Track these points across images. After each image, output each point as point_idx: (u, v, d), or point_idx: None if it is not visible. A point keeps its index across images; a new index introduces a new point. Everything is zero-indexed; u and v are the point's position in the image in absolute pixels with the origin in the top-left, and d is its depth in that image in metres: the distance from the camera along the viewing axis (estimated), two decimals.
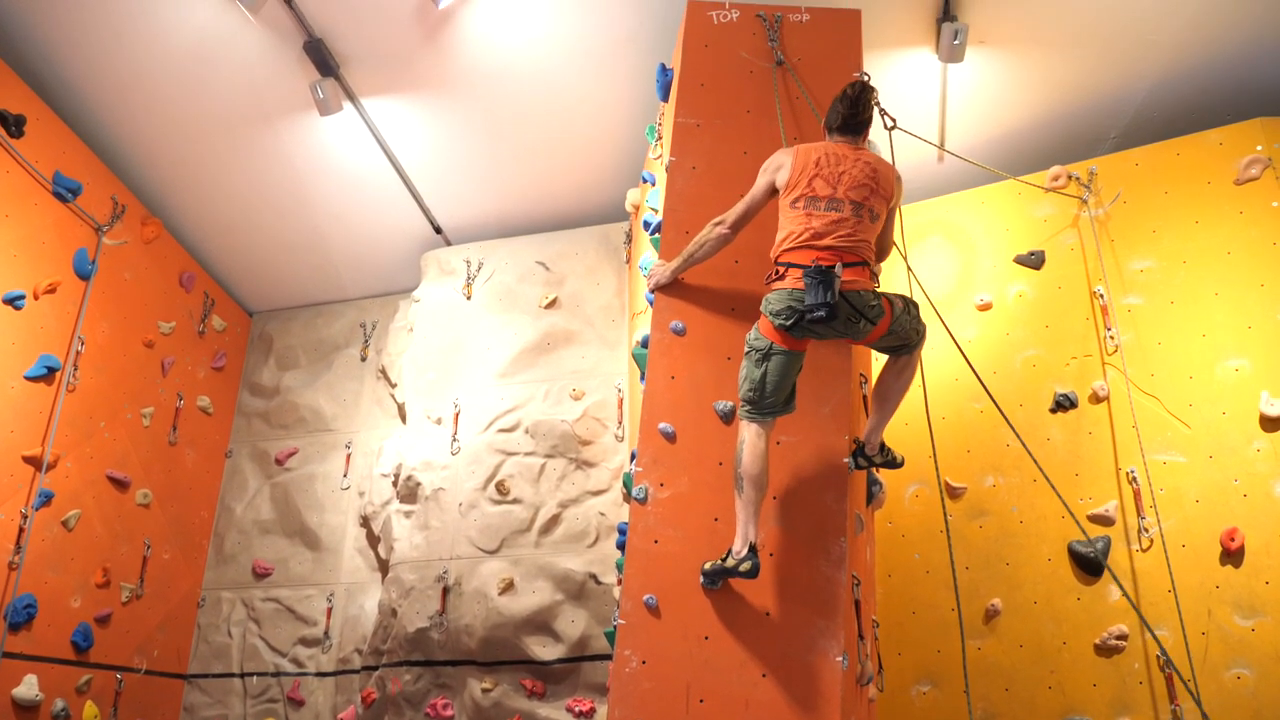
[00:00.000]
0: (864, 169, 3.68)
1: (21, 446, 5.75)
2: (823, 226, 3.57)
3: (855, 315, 3.54)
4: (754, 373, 3.59)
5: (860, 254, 3.59)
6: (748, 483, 3.51)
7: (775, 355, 3.57)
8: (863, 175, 3.66)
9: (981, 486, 5.62)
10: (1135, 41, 5.82)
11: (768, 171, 3.82)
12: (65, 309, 6.18)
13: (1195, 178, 5.57)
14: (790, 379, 3.62)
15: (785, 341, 3.56)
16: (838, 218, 3.58)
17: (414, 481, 6.66)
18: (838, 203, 3.60)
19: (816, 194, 3.63)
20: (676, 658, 3.50)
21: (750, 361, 3.62)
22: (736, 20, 4.86)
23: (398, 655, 6.26)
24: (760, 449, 3.54)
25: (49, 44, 6.08)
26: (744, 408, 3.63)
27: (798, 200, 3.66)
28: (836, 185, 3.63)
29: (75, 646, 6.04)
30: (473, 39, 6.03)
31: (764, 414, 3.59)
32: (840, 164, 3.68)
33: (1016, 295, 5.90)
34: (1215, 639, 4.80)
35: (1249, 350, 5.17)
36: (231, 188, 7.18)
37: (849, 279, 3.51)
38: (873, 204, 3.66)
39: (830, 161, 3.69)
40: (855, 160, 3.70)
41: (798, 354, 3.62)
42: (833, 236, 3.56)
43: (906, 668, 5.47)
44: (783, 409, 3.64)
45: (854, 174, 3.66)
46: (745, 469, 3.52)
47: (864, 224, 3.63)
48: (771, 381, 3.57)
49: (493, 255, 7.36)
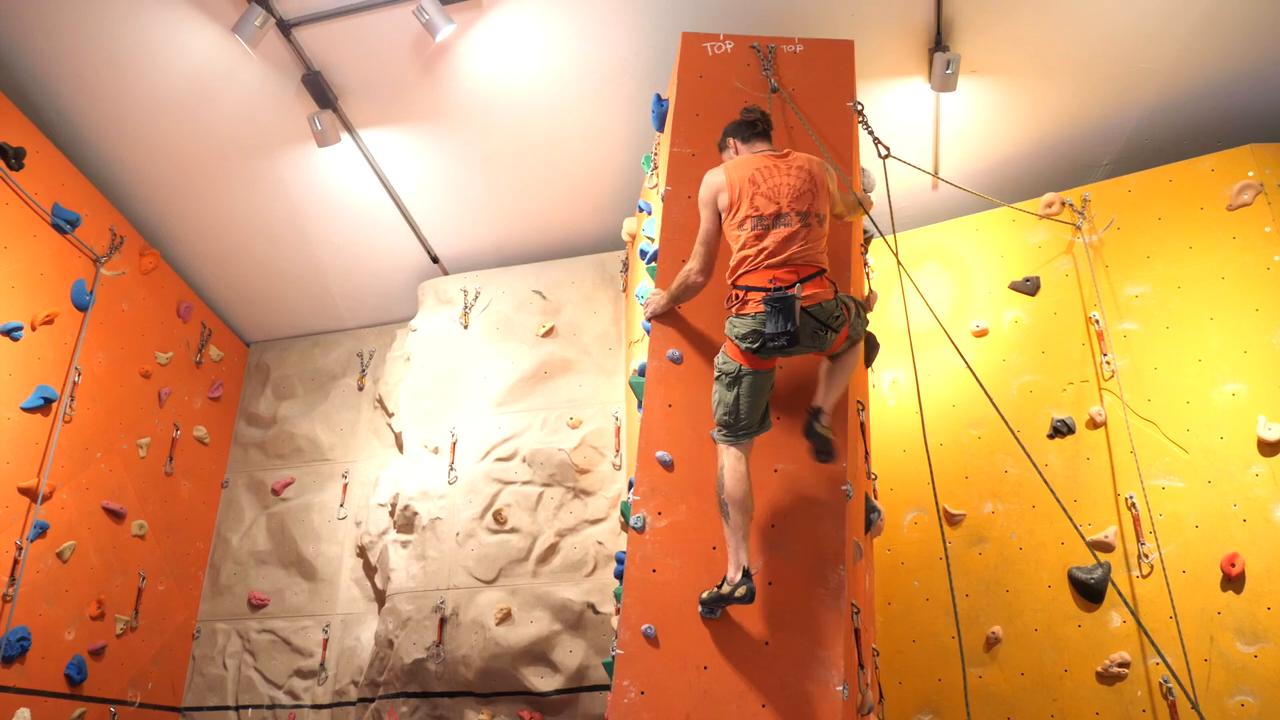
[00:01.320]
0: (799, 175, 3.70)
1: (17, 478, 5.73)
2: (775, 245, 3.58)
3: (821, 328, 3.56)
4: (726, 396, 3.60)
5: (817, 263, 3.61)
6: (733, 508, 3.51)
7: (745, 377, 3.58)
8: (800, 183, 3.68)
9: (980, 513, 5.61)
10: (1127, 70, 5.88)
11: (708, 204, 3.79)
12: (63, 340, 6.19)
13: (1188, 204, 5.61)
14: (763, 398, 3.64)
15: (753, 363, 3.57)
16: (788, 233, 3.59)
17: (411, 511, 6.63)
18: (785, 217, 3.61)
19: (762, 212, 3.63)
20: (675, 688, 3.47)
21: (722, 385, 3.63)
22: (731, 51, 4.91)
23: (394, 687, 6.20)
24: (741, 472, 3.55)
25: (49, 77, 6.13)
26: (720, 432, 3.63)
27: (744, 221, 3.65)
28: (779, 199, 3.64)
29: (69, 679, 5.98)
30: (469, 71, 6.08)
31: (740, 436, 3.60)
32: (775, 175, 3.69)
33: (1012, 321, 5.92)
34: (1218, 666, 4.77)
35: (1245, 375, 5.18)
36: (229, 219, 7.21)
37: (809, 293, 3.52)
38: (817, 208, 3.67)
39: (765, 175, 3.69)
40: (788, 169, 3.71)
41: (768, 373, 3.64)
42: (787, 253, 3.57)
43: (907, 697, 5.43)
44: (759, 429, 3.65)
45: (791, 183, 3.67)
46: (729, 494, 3.52)
47: (814, 231, 3.64)
48: (745, 403, 3.58)
49: (490, 284, 7.38)
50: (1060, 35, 5.70)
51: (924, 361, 5.39)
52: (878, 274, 5.90)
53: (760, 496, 3.77)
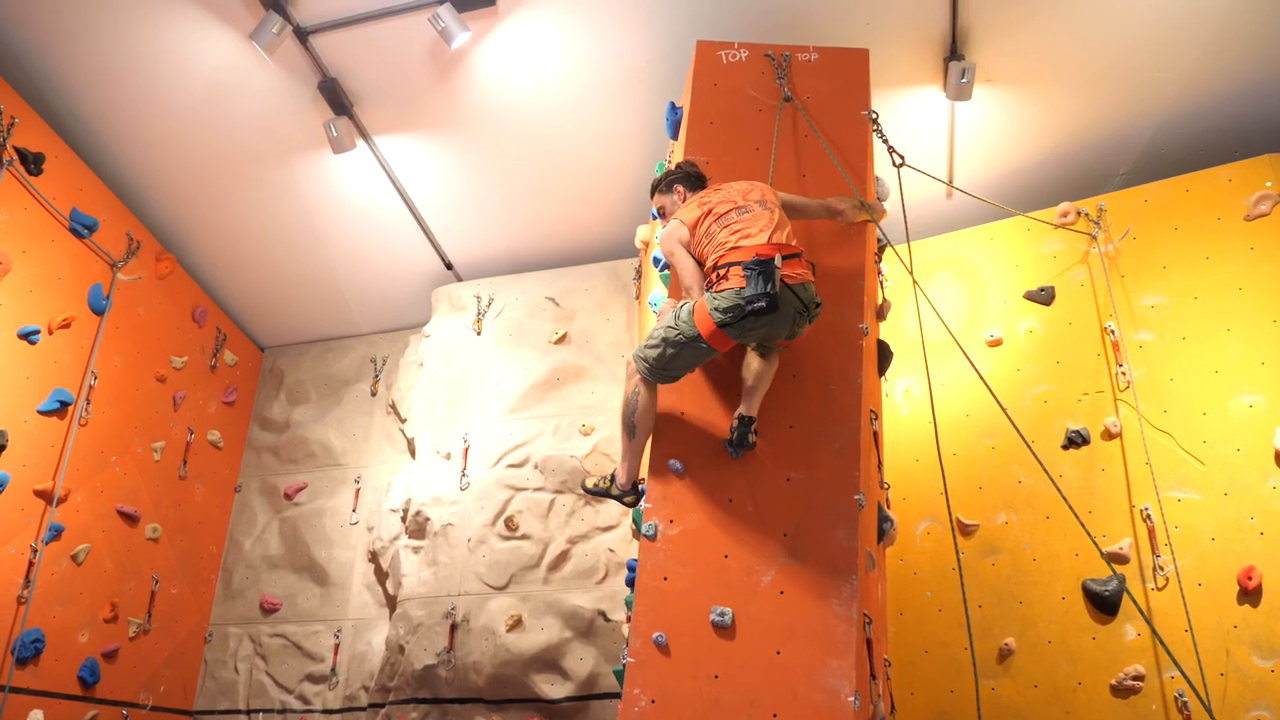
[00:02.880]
0: (742, 185, 3.96)
1: (33, 480, 5.77)
2: (747, 227, 3.73)
3: (803, 310, 3.64)
4: (666, 351, 3.73)
5: (792, 246, 3.74)
6: (640, 429, 3.85)
7: (696, 348, 3.69)
8: (745, 186, 3.95)
9: (994, 524, 5.57)
10: (1143, 79, 5.85)
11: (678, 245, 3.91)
12: (79, 344, 6.23)
13: (1205, 214, 5.57)
14: (691, 368, 3.87)
15: (715, 340, 3.63)
16: (755, 217, 3.77)
17: (423, 517, 6.64)
18: (744, 208, 3.82)
19: (721, 211, 3.83)
20: (686, 697, 3.46)
21: (667, 337, 3.72)
22: (745, 60, 4.91)
23: (405, 693, 6.20)
24: (650, 402, 3.85)
25: (68, 83, 6.19)
26: (641, 363, 3.81)
27: (710, 227, 3.82)
28: (734, 199, 3.87)
29: (82, 682, 6.01)
30: (485, 78, 6.11)
31: (658, 379, 3.84)
32: (721, 191, 3.95)
33: (1027, 331, 5.89)
34: (1234, 680, 4.72)
35: (1263, 386, 5.14)
36: (245, 224, 7.25)
37: (790, 271, 3.62)
38: (767, 198, 3.89)
39: (712, 193, 3.96)
40: (731, 184, 3.99)
41: (714, 352, 3.74)
42: (760, 231, 3.69)
43: (919, 708, 5.39)
44: (672, 381, 3.89)
45: (740, 188, 3.93)
46: (639, 417, 3.84)
47: (776, 217, 3.81)
48: (678, 363, 3.77)
49: (503, 291, 7.40)
50: (1076, 44, 5.68)
51: (938, 371, 5.36)
52: (892, 283, 5.88)
53: (772, 506, 3.76)
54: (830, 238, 4.38)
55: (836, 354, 4.11)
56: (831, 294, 4.24)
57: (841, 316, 4.21)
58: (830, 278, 4.28)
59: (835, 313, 4.20)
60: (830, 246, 4.37)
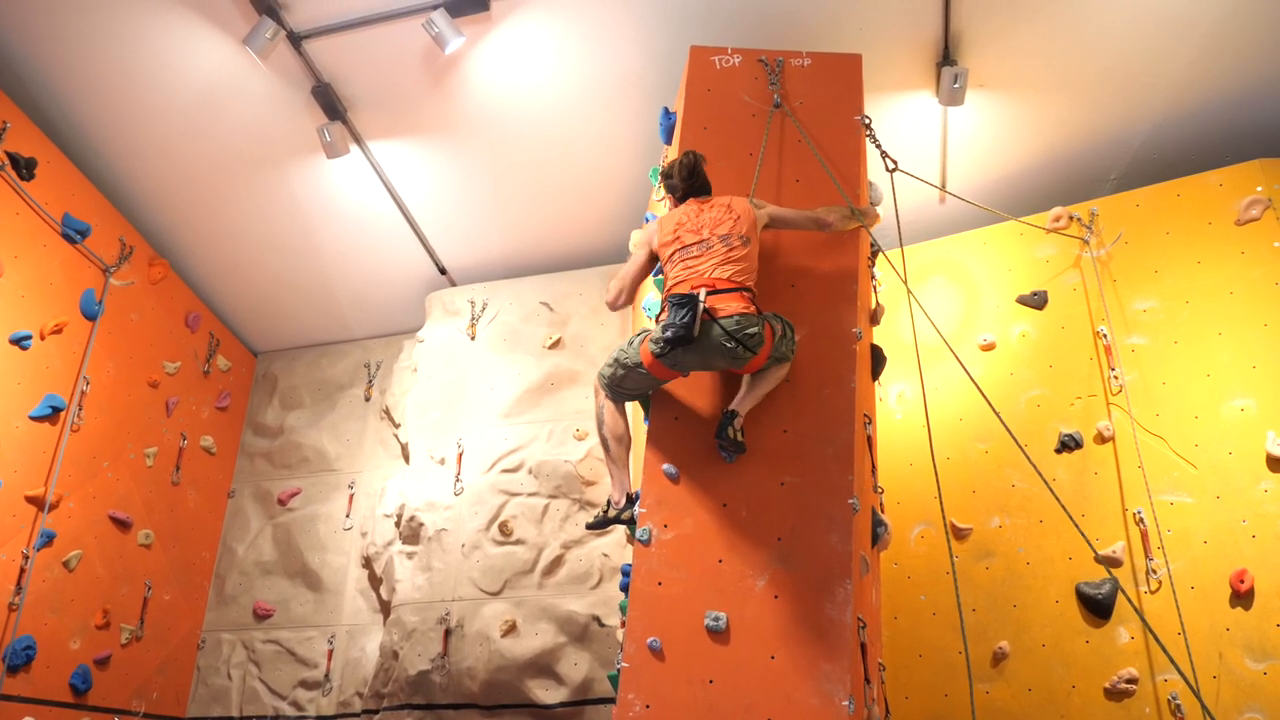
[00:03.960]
0: (720, 210, 4.06)
1: (24, 486, 5.75)
2: (698, 264, 3.89)
3: (730, 341, 3.69)
4: (617, 371, 3.99)
5: (736, 281, 3.84)
6: (614, 442, 4.05)
7: (638, 373, 3.93)
8: (720, 214, 4.03)
9: (987, 527, 5.58)
10: (1135, 84, 5.88)
11: (643, 244, 4.22)
12: (71, 349, 6.21)
13: (1196, 218, 5.60)
14: (645, 390, 4.10)
15: (654, 369, 3.86)
16: (708, 254, 3.91)
17: (417, 522, 6.63)
18: (706, 242, 3.95)
19: (685, 243, 3.98)
20: (681, 702, 3.45)
21: (618, 361, 3.98)
22: (738, 65, 4.93)
23: (399, 698, 6.18)
24: (618, 416, 4.09)
25: (60, 88, 6.18)
26: (602, 379, 4.08)
27: (673, 255, 4.00)
28: (701, 230, 4.00)
29: (74, 689, 5.98)
30: (478, 83, 6.11)
31: (615, 398, 4.10)
32: (699, 215, 4.07)
33: (1020, 335, 5.91)
34: (1227, 683, 4.73)
35: (1254, 390, 5.16)
36: (238, 229, 7.24)
37: (722, 304, 3.74)
38: (739, 229, 3.97)
39: (691, 216, 4.08)
40: (711, 206, 4.09)
41: (656, 380, 3.98)
42: (707, 269, 3.86)
43: (914, 712, 5.39)
44: (634, 400, 4.16)
45: (713, 216, 4.04)
46: (610, 431, 4.06)
47: (735, 249, 3.91)
48: (628, 385, 4.02)
49: (497, 296, 7.40)
50: (1068, 49, 5.71)
51: (931, 375, 5.37)
52: (885, 287, 5.89)
53: (767, 510, 3.77)
54: (823, 243, 4.40)
55: (830, 359, 4.12)
56: (825, 299, 4.26)
57: (835, 321, 4.22)
58: (823, 282, 4.29)
59: (829, 318, 4.21)
60: (824, 251, 4.38)
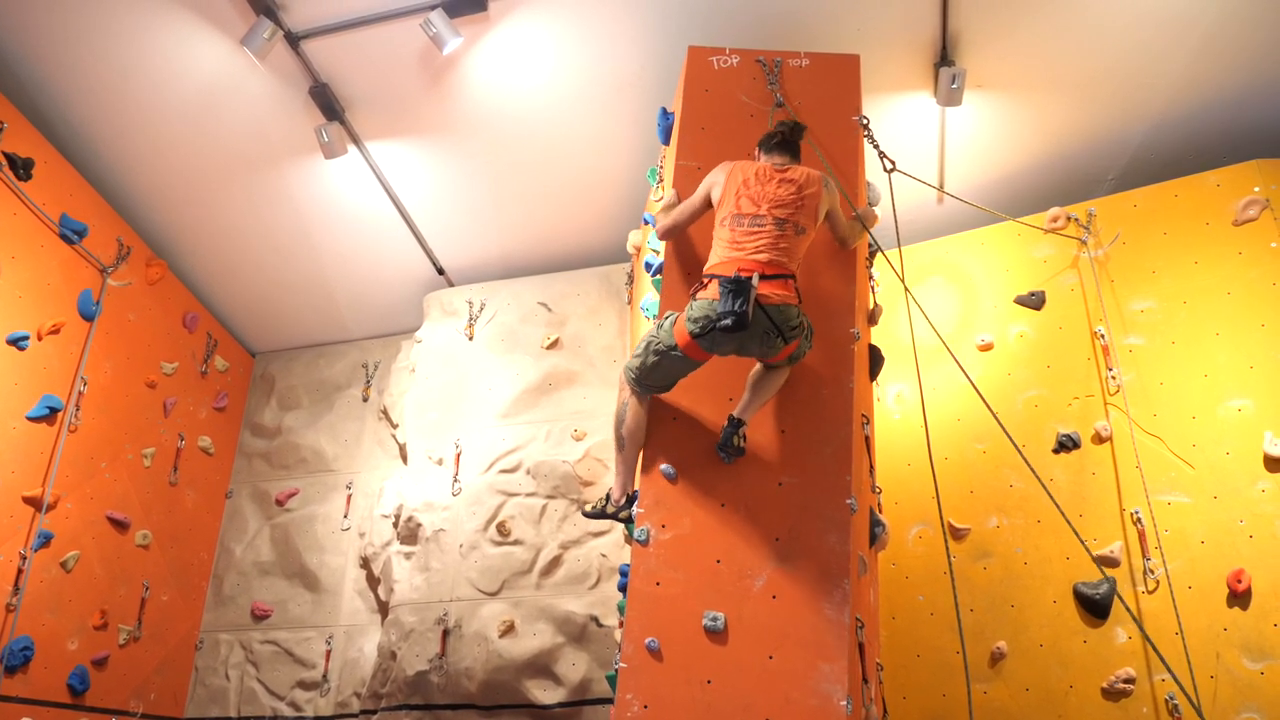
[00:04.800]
0: (788, 188, 3.89)
1: (22, 487, 5.74)
2: (746, 240, 3.78)
3: (773, 330, 3.66)
4: (648, 359, 3.87)
5: (784, 267, 3.75)
6: (629, 442, 3.95)
7: (673, 357, 3.81)
8: (787, 194, 3.87)
9: (985, 527, 5.59)
10: (1132, 84, 5.89)
11: (705, 185, 4.10)
12: (69, 350, 6.20)
13: (1194, 219, 5.61)
14: (676, 378, 3.96)
15: (690, 350, 3.76)
16: (760, 233, 3.79)
17: (415, 522, 6.63)
18: (760, 219, 3.81)
19: (741, 212, 3.85)
20: (679, 702, 3.46)
21: (649, 348, 3.88)
22: (737, 65, 4.93)
23: (397, 699, 6.18)
24: (640, 414, 3.96)
25: (57, 88, 6.17)
26: (629, 373, 3.97)
27: (725, 219, 3.89)
28: (760, 203, 3.84)
29: (71, 690, 5.98)
30: (476, 84, 6.11)
31: (643, 390, 3.97)
32: (766, 184, 3.90)
33: (1017, 336, 5.91)
34: (1224, 682, 4.74)
35: (1251, 390, 5.17)
36: (236, 229, 7.24)
37: (769, 291, 3.65)
38: (798, 219, 3.85)
39: (758, 180, 3.91)
40: (781, 180, 3.91)
41: (692, 363, 3.86)
42: (755, 249, 3.75)
43: (912, 712, 5.40)
44: (663, 392, 4.02)
45: (778, 193, 3.87)
46: (628, 429, 3.95)
47: (787, 237, 3.81)
48: (659, 373, 3.90)
49: (495, 296, 7.39)
50: (1066, 50, 5.71)
51: (929, 375, 5.37)
52: (883, 288, 5.90)
53: (765, 511, 3.77)
54: (820, 243, 4.39)
55: (828, 359, 4.13)
56: (823, 299, 4.26)
57: (833, 322, 4.22)
58: (822, 283, 4.29)
59: (827, 318, 4.21)
60: (821, 252, 4.38)
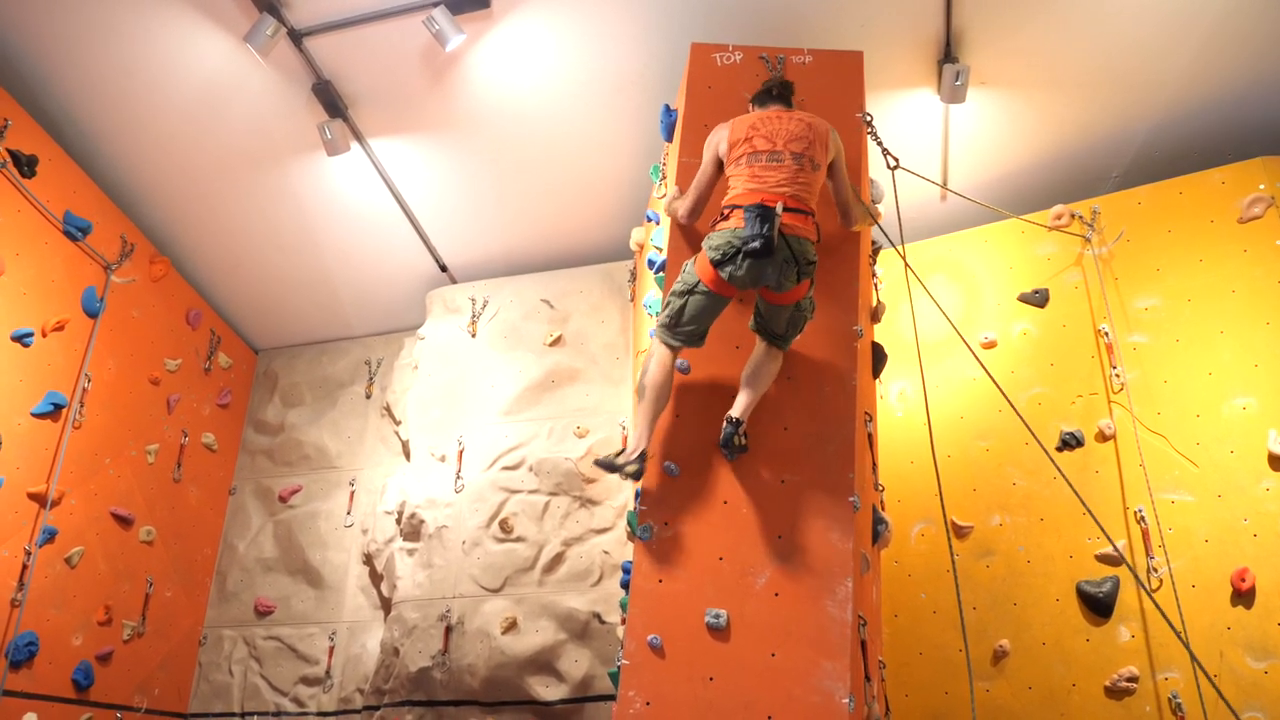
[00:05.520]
0: (799, 124, 3.95)
1: (27, 483, 5.75)
2: (767, 174, 3.82)
3: (792, 261, 3.68)
4: (675, 303, 3.85)
5: (804, 202, 3.80)
6: (650, 393, 3.83)
7: (698, 294, 3.80)
8: (799, 129, 3.93)
9: (988, 525, 5.58)
10: (1136, 81, 5.87)
11: (710, 148, 4.10)
12: (73, 346, 6.21)
13: (1198, 216, 5.59)
14: (706, 319, 3.87)
15: (715, 285, 3.76)
16: (780, 168, 3.83)
17: (417, 519, 6.64)
18: (778, 155, 3.85)
19: (758, 149, 3.89)
20: (681, 699, 3.46)
21: (675, 293, 3.87)
22: (740, 62, 4.92)
23: (400, 695, 6.19)
24: (667, 368, 3.86)
25: (62, 85, 6.17)
26: (660, 329, 3.91)
27: (740, 158, 3.91)
28: (776, 140, 3.89)
29: (76, 685, 6.00)
30: (479, 80, 6.11)
31: (674, 340, 3.88)
32: (776, 123, 3.95)
33: (1021, 333, 5.90)
34: (1228, 681, 4.73)
35: (1256, 388, 5.15)
36: (239, 227, 7.24)
37: (791, 222, 3.69)
38: (813, 154, 3.90)
39: (767, 122, 3.97)
40: (790, 118, 3.98)
41: (719, 299, 3.83)
42: (778, 183, 3.78)
43: (914, 710, 5.40)
44: (697, 343, 3.92)
45: (790, 128, 3.92)
46: (650, 381, 3.84)
47: (805, 172, 3.86)
48: (689, 315, 3.83)
49: (498, 293, 7.39)
50: (1070, 47, 5.70)
51: (932, 373, 5.37)
52: (886, 285, 5.89)
53: (767, 508, 3.76)
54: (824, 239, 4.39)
55: (831, 356, 4.13)
56: (826, 296, 4.26)
57: (836, 319, 4.22)
58: (825, 280, 4.29)
59: (830, 315, 4.21)
60: (824, 249, 4.37)
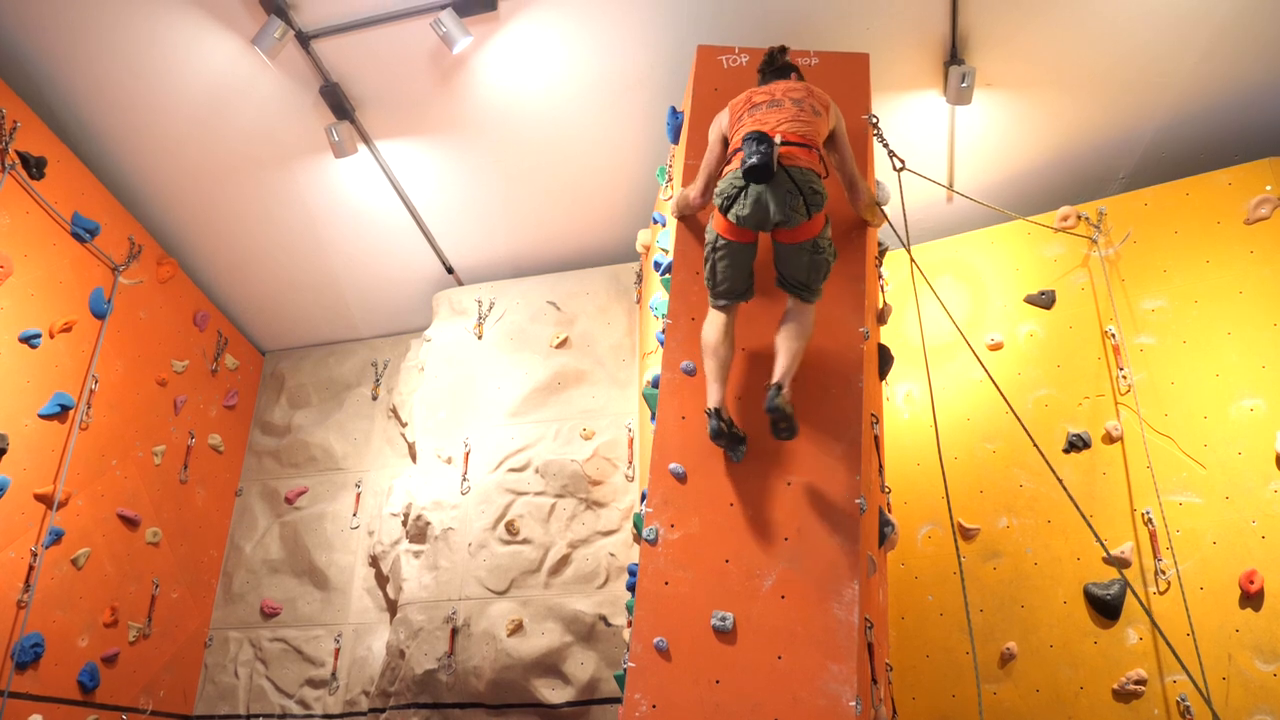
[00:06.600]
0: (797, 85, 4.04)
1: (33, 484, 5.77)
2: (768, 116, 3.86)
3: (796, 192, 3.67)
4: (707, 267, 3.91)
5: (804, 136, 3.81)
6: (707, 353, 3.86)
7: (720, 249, 3.83)
8: (796, 86, 4.03)
9: (995, 528, 5.57)
10: (1143, 83, 5.86)
11: (714, 128, 4.14)
12: (80, 348, 6.23)
13: (1205, 217, 5.58)
14: (737, 273, 3.88)
15: (728, 232, 3.80)
16: (781, 111, 3.88)
17: (423, 521, 6.64)
18: (778, 101, 3.93)
19: (755, 103, 3.97)
20: (687, 702, 3.45)
21: (704, 257, 3.93)
22: (746, 64, 4.92)
23: (405, 697, 6.20)
24: (719, 327, 3.88)
25: (70, 87, 6.20)
26: (709, 295, 3.98)
27: (741, 116, 3.97)
28: (774, 92, 3.99)
29: (81, 686, 6.00)
30: (486, 83, 6.12)
31: (718, 299, 3.92)
32: (774, 87, 4.05)
33: (1028, 335, 5.89)
34: (1236, 684, 4.71)
35: (1264, 390, 5.14)
36: (246, 228, 7.26)
37: (791, 153, 3.71)
38: (811, 102, 3.95)
39: (766, 90, 4.06)
40: (789, 83, 4.07)
41: (744, 246, 3.84)
42: (778, 121, 3.82)
43: (921, 713, 5.38)
44: (741, 297, 3.94)
45: (790, 87, 4.02)
46: (704, 341, 3.89)
47: (806, 114, 3.89)
48: (721, 270, 3.86)
49: (504, 295, 7.40)
50: (1076, 48, 5.69)
51: (939, 375, 5.36)
52: (892, 287, 5.89)
53: (774, 510, 3.76)
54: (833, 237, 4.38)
55: (837, 358, 4.12)
56: (832, 298, 4.25)
57: (842, 321, 4.21)
58: (831, 282, 4.28)
59: (836, 317, 4.20)
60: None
